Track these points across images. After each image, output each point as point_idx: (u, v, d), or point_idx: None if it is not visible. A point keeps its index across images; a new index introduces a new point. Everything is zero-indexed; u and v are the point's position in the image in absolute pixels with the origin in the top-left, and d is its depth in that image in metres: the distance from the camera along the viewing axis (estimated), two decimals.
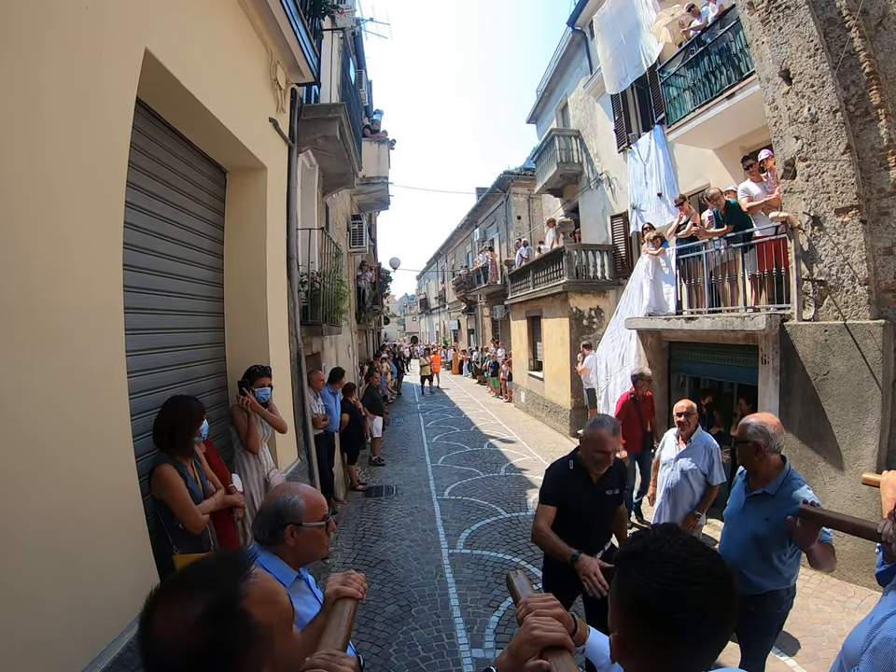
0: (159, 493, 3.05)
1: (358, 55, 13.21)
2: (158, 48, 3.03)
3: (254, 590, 1.04)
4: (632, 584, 1.12)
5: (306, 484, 2.11)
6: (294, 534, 1.91)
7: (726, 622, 1.10)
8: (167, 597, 1.00)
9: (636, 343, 9.24)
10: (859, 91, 5.20)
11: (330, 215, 10.49)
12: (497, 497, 8.55)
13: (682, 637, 1.06)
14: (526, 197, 22.82)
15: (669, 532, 1.20)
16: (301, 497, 1.97)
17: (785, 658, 4.26)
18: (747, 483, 3.22)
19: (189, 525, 3.11)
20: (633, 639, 1.13)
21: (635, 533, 1.27)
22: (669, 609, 1.05)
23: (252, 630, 1.00)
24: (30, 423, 2.07)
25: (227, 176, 5.08)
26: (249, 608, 1.01)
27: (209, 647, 0.94)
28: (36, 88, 2.14)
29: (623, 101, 12.32)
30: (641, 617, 1.10)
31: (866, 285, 5.19)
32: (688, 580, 1.07)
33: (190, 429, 3.22)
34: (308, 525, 1.93)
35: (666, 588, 1.06)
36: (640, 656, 1.13)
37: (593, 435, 3.25)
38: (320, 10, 6.77)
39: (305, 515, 1.94)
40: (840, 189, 5.35)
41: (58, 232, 2.27)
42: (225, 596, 1.00)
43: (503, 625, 4.86)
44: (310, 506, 1.97)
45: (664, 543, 1.15)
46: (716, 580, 1.09)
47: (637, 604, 1.10)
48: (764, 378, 6.25)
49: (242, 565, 1.09)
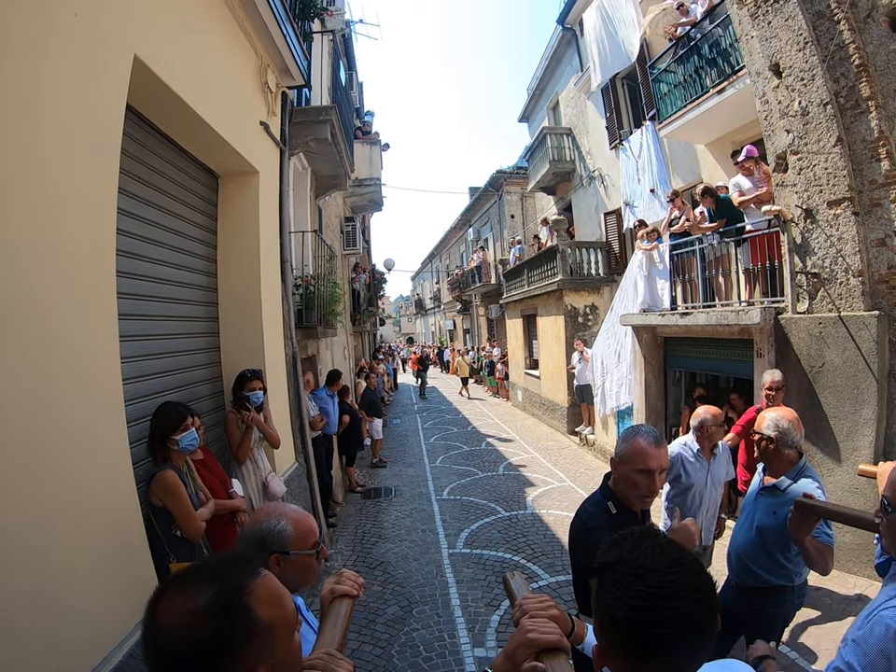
0: (161, 499, 3.02)
1: (349, 57, 13.22)
2: (147, 54, 3.02)
3: (259, 587, 1.06)
4: (608, 599, 1.10)
5: (294, 506, 1.90)
6: (280, 563, 1.72)
7: (706, 633, 1.08)
8: (175, 587, 1.03)
9: (631, 339, 9.25)
10: (849, 84, 5.22)
11: (323, 217, 10.48)
12: (496, 496, 8.56)
13: (660, 651, 1.04)
14: (519, 195, 22.82)
15: (646, 538, 1.18)
16: (289, 523, 1.78)
17: (787, 650, 4.27)
18: (763, 475, 3.22)
19: (190, 533, 3.11)
20: (613, 652, 1.12)
21: (612, 538, 1.24)
22: (645, 625, 1.04)
23: (253, 625, 1.01)
24: (27, 428, 2.07)
25: (219, 181, 5.08)
26: (252, 603, 1.02)
27: (208, 636, 0.96)
28: (27, 96, 2.13)
29: (615, 98, 12.34)
30: (619, 632, 1.08)
31: (860, 276, 5.20)
32: (664, 594, 1.05)
33: (162, 437, 3.19)
34: (296, 553, 1.75)
35: (641, 604, 1.05)
36: (621, 667, 1.12)
37: (630, 449, 2.32)
38: (310, 13, 6.76)
39: (292, 543, 1.76)
40: (832, 182, 5.36)
41: (51, 241, 2.26)
42: (230, 589, 1.01)
43: (504, 624, 4.86)
44: (298, 532, 1.78)
45: (640, 553, 1.13)
46: (693, 591, 1.07)
47: (613, 620, 1.09)
48: (760, 371, 6.24)
49: (251, 564, 1.12)
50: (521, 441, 12.99)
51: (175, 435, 3.18)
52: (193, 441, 3.29)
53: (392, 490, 9.37)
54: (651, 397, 8.90)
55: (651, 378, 8.88)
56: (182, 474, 3.17)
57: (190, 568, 1.11)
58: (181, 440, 3.19)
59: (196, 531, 3.12)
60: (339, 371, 8.72)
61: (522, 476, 9.75)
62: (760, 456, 3.17)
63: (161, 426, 3.20)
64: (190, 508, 3.10)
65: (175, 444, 3.18)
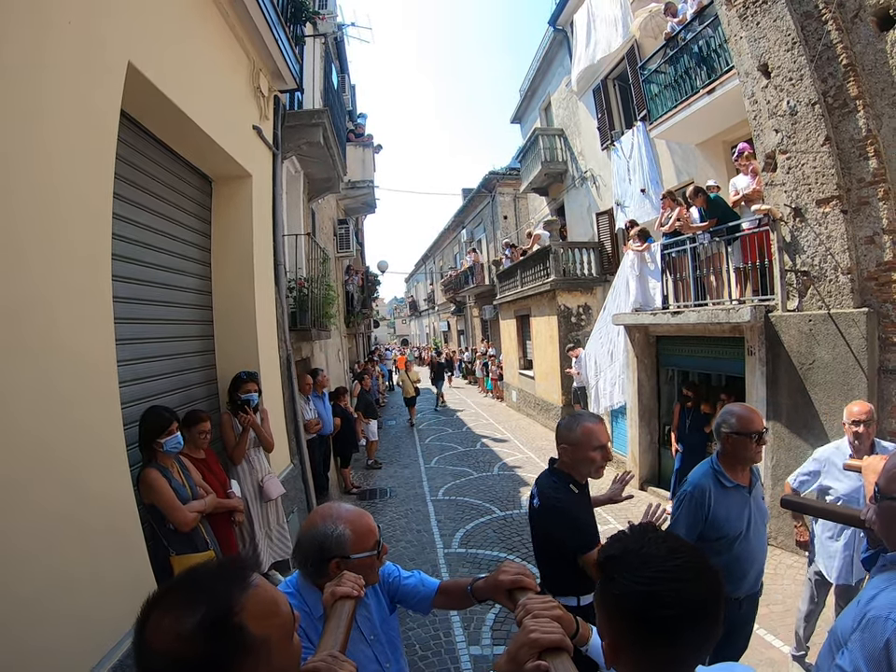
0: (147, 497, 3.16)
1: (341, 60, 13.23)
2: (141, 61, 3.05)
3: (251, 602, 1.02)
4: (617, 589, 1.13)
5: (349, 505, 1.84)
6: (341, 567, 1.68)
7: (714, 616, 1.10)
8: (163, 604, 0.99)
9: (623, 338, 9.29)
10: (836, 83, 5.26)
11: (317, 220, 10.50)
12: (491, 496, 8.58)
13: (671, 635, 1.07)
14: (512, 196, 22.86)
15: (647, 532, 1.22)
16: (347, 526, 1.72)
17: (780, 644, 4.31)
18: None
19: (178, 523, 3.24)
20: (624, 644, 1.14)
21: (612, 536, 1.27)
22: (656, 610, 1.06)
23: (245, 645, 0.98)
24: (28, 429, 2.11)
25: (212, 185, 5.10)
26: (244, 621, 0.98)
27: (199, 659, 0.93)
28: (27, 104, 2.16)
29: (606, 99, 12.40)
30: (630, 620, 1.10)
31: (849, 274, 5.25)
32: (672, 578, 1.08)
33: (148, 438, 3.30)
34: (357, 556, 1.71)
35: (651, 589, 1.07)
36: (633, 659, 1.14)
37: (580, 434, 2.63)
38: (301, 17, 6.79)
39: (352, 547, 1.70)
40: (820, 181, 5.41)
41: (52, 247, 2.29)
42: (220, 610, 0.98)
43: (500, 622, 4.88)
44: (357, 535, 1.73)
45: (643, 544, 1.17)
46: (699, 575, 1.11)
47: (624, 608, 1.11)
48: (751, 369, 6.30)
49: (241, 574, 1.07)
50: (515, 441, 13.01)
51: (160, 438, 3.30)
52: (177, 445, 3.42)
53: (387, 491, 9.38)
54: (643, 396, 8.94)
55: (643, 377, 8.92)
56: (167, 471, 3.32)
57: (178, 582, 1.07)
58: (165, 443, 3.32)
59: (182, 520, 3.25)
60: (319, 368, 8.58)
61: (517, 476, 9.77)
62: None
63: (147, 429, 3.32)
64: (174, 500, 3.23)
65: (159, 447, 3.31)
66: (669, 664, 1.11)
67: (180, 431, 3.47)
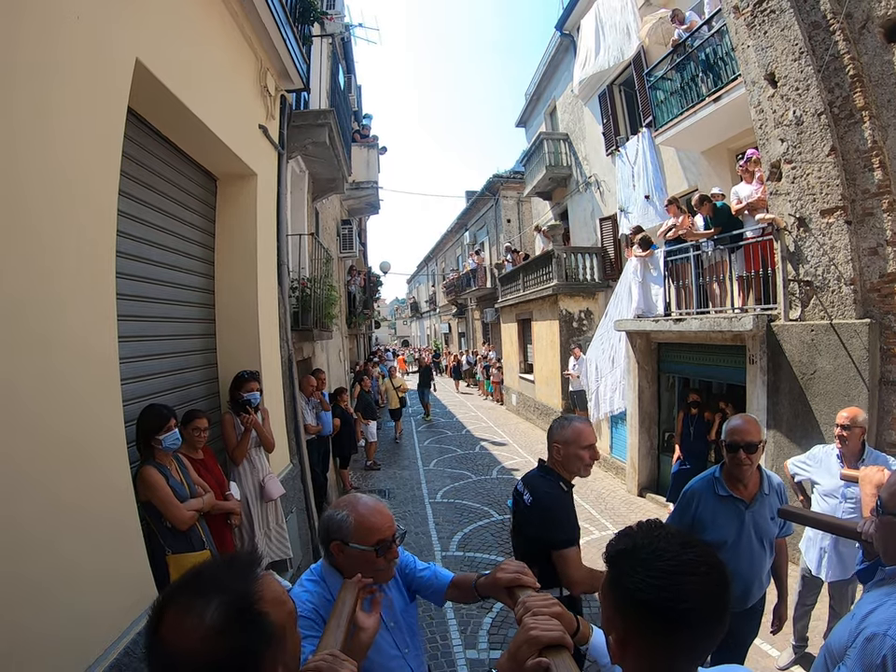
0: (144, 494, 3.13)
1: (347, 60, 13.24)
2: (148, 58, 3.04)
3: (266, 591, 1.03)
4: (629, 583, 1.12)
5: (373, 501, 1.89)
6: (342, 551, 1.78)
7: (722, 611, 1.11)
8: (177, 605, 0.97)
9: (625, 344, 9.29)
10: (843, 94, 5.26)
11: (320, 220, 10.50)
12: (489, 500, 8.58)
13: (682, 627, 1.07)
14: (516, 200, 22.90)
15: (656, 527, 1.22)
16: (352, 514, 1.80)
17: (777, 654, 4.30)
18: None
19: (176, 521, 3.22)
20: (633, 637, 1.13)
21: (619, 532, 1.28)
22: (670, 602, 1.06)
23: (269, 631, 0.99)
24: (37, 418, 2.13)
25: (217, 183, 5.09)
26: (265, 609, 0.99)
27: (232, 653, 0.93)
28: (36, 101, 2.16)
29: (612, 104, 12.41)
30: (642, 614, 1.10)
31: (852, 285, 5.25)
32: (684, 571, 1.09)
33: (146, 435, 3.29)
34: (355, 546, 1.76)
35: (664, 582, 1.08)
36: (641, 654, 1.13)
37: (571, 433, 2.79)
38: (309, 17, 6.80)
39: (352, 535, 1.77)
40: (825, 191, 5.41)
41: (59, 243, 2.29)
42: (241, 600, 0.98)
43: (496, 626, 4.89)
44: (360, 526, 1.78)
45: (654, 538, 1.17)
46: (710, 569, 1.11)
47: (636, 602, 1.11)
48: (752, 378, 6.30)
49: (248, 566, 1.08)
50: (515, 444, 13.01)
51: (158, 435, 3.29)
52: (176, 441, 3.41)
53: (386, 493, 9.39)
54: (644, 402, 8.94)
55: (644, 383, 8.92)
56: (164, 469, 3.30)
57: (187, 581, 1.04)
58: (164, 440, 3.30)
59: (180, 518, 3.23)
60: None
61: (515, 480, 9.71)
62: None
63: (145, 426, 3.31)
64: (171, 498, 3.22)
65: (158, 444, 3.30)
66: (678, 657, 1.12)
67: (178, 430, 3.47)
